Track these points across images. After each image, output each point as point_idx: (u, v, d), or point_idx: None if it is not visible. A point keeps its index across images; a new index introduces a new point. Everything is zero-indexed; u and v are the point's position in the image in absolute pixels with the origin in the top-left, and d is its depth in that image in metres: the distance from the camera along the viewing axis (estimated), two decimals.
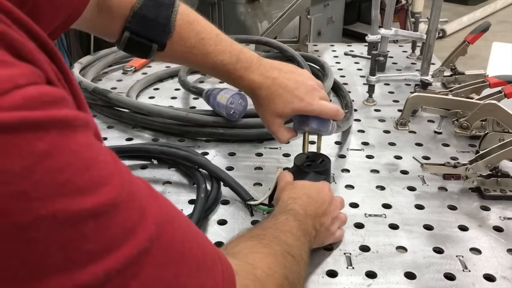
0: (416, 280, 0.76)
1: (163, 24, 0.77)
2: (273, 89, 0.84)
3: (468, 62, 2.02)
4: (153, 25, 0.77)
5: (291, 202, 0.75)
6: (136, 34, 0.76)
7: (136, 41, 0.77)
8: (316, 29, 3.54)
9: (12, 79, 0.32)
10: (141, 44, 0.77)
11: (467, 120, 1.06)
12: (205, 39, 0.82)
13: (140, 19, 0.75)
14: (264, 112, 0.87)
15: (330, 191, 0.82)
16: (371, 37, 1.47)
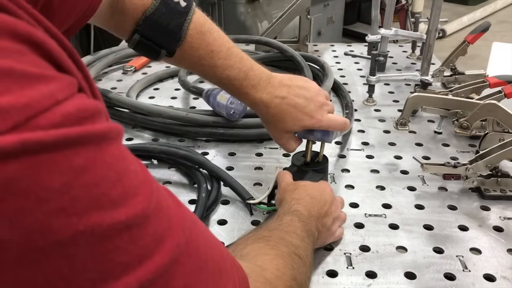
0: (416, 280, 0.76)
1: (174, 32, 0.76)
2: (282, 108, 0.84)
3: (468, 62, 2.02)
4: (164, 32, 0.76)
5: (294, 203, 0.75)
6: (146, 38, 0.76)
7: (145, 44, 0.76)
8: (316, 29, 3.54)
9: (52, 96, 0.32)
10: (150, 48, 0.77)
11: (467, 120, 1.06)
12: (215, 52, 0.81)
13: (151, 24, 0.74)
14: (273, 129, 0.87)
15: (332, 192, 0.82)
16: (371, 37, 1.47)
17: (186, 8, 0.76)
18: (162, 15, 0.74)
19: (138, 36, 0.75)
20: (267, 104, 0.84)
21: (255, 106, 0.85)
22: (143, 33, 0.75)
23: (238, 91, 0.84)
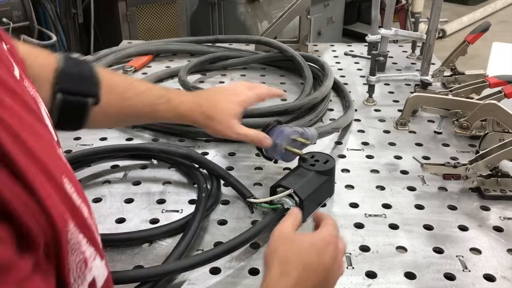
0: (416, 280, 0.75)
1: (89, 76, 0.76)
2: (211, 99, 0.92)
3: (468, 62, 2.02)
4: (81, 79, 0.74)
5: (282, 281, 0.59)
6: (69, 93, 0.72)
7: (70, 101, 0.72)
8: (316, 29, 3.54)
9: None
10: (77, 103, 0.73)
11: (467, 120, 1.06)
12: (132, 83, 0.86)
13: (66, 77, 0.72)
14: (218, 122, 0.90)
15: (334, 246, 0.64)
16: (371, 37, 1.47)
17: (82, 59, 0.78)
18: (71, 66, 0.74)
19: (61, 94, 0.71)
20: (200, 103, 0.90)
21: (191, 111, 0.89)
22: (63, 89, 0.71)
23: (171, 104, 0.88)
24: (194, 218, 0.83)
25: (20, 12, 2.26)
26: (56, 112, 0.72)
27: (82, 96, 0.74)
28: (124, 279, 0.72)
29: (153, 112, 0.87)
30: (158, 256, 0.80)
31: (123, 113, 0.84)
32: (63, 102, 0.72)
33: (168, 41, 1.67)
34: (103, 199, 0.94)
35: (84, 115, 0.75)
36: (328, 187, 0.93)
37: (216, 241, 0.83)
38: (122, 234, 0.84)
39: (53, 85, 0.71)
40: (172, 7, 3.14)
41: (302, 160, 0.93)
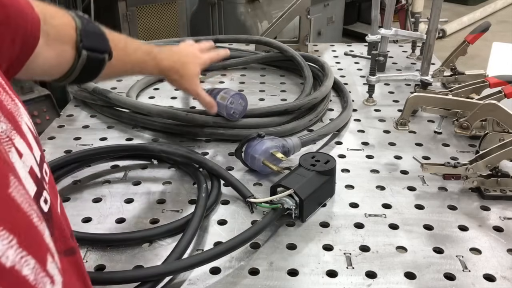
0: (416, 280, 0.76)
1: (101, 33, 0.81)
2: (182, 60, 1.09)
3: (468, 62, 2.02)
4: (97, 36, 0.79)
5: None
6: (91, 50, 0.77)
7: (92, 58, 0.77)
8: (316, 29, 3.54)
9: None
10: (97, 60, 0.79)
11: (467, 120, 1.06)
12: (126, 39, 0.94)
13: (87, 34, 0.76)
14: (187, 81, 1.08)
15: None
16: (371, 37, 1.47)
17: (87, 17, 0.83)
18: (86, 24, 0.77)
19: (86, 51, 0.76)
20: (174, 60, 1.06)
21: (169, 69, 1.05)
22: (87, 46, 0.76)
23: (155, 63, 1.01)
24: (194, 218, 0.83)
25: None
26: (79, 68, 0.77)
27: (100, 52, 0.79)
28: (124, 279, 0.72)
29: (144, 67, 1.00)
30: (158, 256, 0.80)
31: (124, 67, 0.94)
32: (88, 58, 0.76)
33: (168, 41, 1.67)
34: (103, 199, 0.94)
35: (100, 70, 0.81)
36: (328, 187, 0.93)
37: (216, 241, 0.83)
38: (122, 234, 0.84)
39: (77, 43, 0.75)
40: (172, 7, 3.14)
41: (303, 160, 0.93)
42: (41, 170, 0.47)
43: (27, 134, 0.46)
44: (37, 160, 0.46)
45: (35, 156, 0.46)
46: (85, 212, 0.90)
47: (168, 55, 1.06)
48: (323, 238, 0.84)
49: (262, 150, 0.98)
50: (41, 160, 0.48)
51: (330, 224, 0.88)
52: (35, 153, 0.46)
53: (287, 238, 0.84)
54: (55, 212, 0.46)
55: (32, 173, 0.43)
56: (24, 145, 0.44)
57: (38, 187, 0.43)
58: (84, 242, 0.82)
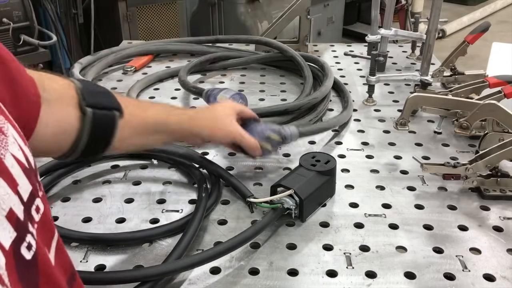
0: (416, 280, 0.76)
1: (106, 92, 0.75)
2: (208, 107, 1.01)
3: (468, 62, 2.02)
4: (102, 94, 0.73)
5: None
6: (96, 107, 0.69)
7: (100, 115, 0.70)
8: (316, 29, 3.54)
9: None
10: (105, 117, 0.71)
11: (467, 120, 1.06)
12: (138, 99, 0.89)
13: (89, 93, 0.70)
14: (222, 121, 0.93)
15: None
16: (371, 37, 1.47)
17: None
18: (87, 84, 0.72)
19: (91, 109, 0.68)
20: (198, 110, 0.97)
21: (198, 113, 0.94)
22: (91, 104, 0.69)
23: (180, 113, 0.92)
24: (194, 218, 0.83)
25: (20, 12, 2.26)
26: (88, 130, 0.68)
27: (108, 109, 0.72)
28: (124, 278, 0.72)
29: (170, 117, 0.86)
30: (158, 256, 0.80)
31: (145, 123, 0.82)
32: (94, 116, 0.68)
33: (168, 41, 1.67)
34: (103, 199, 0.94)
35: (113, 130, 0.72)
36: (329, 187, 0.93)
37: (216, 241, 0.83)
38: (122, 234, 0.84)
39: (79, 101, 0.68)
40: (172, 7, 3.14)
41: (304, 160, 0.93)
42: (29, 209, 0.42)
43: (11, 168, 0.41)
44: (23, 198, 0.42)
45: (20, 194, 0.41)
46: (85, 212, 0.90)
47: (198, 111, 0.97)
48: (323, 238, 0.84)
49: (258, 131, 0.96)
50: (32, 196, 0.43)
51: (330, 224, 0.88)
52: (21, 190, 0.42)
53: (287, 238, 0.84)
54: (43, 259, 0.42)
55: (11, 216, 0.39)
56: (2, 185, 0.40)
57: (19, 232, 0.39)
58: (84, 242, 0.82)
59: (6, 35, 2.21)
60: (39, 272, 0.41)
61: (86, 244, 0.82)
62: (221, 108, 0.95)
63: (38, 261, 0.41)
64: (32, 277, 0.40)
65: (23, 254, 0.39)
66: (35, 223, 0.43)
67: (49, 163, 0.99)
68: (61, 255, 0.47)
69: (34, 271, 0.40)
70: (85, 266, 0.78)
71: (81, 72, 1.40)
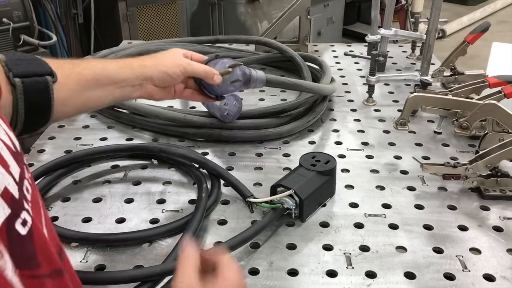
0: (416, 280, 0.76)
1: (34, 58, 0.72)
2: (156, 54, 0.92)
3: (468, 62, 2.02)
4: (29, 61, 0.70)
5: None
6: (25, 76, 0.67)
7: (30, 83, 0.67)
8: (316, 29, 3.54)
9: None
10: (38, 84, 0.68)
11: (467, 120, 1.06)
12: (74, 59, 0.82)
13: (15, 62, 0.67)
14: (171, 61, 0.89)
15: None
16: (371, 37, 1.47)
17: None
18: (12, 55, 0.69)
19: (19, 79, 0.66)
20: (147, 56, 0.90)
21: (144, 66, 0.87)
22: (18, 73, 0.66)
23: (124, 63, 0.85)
24: (194, 218, 0.83)
25: (20, 12, 2.26)
26: (21, 101, 0.66)
27: (39, 75, 0.69)
28: (124, 278, 0.72)
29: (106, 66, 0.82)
30: (158, 256, 0.80)
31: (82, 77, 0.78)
32: (25, 86, 0.66)
33: (168, 41, 1.67)
34: (103, 199, 0.94)
35: (49, 95, 0.70)
36: (329, 187, 0.93)
37: (216, 241, 0.83)
38: (122, 234, 0.84)
39: (6, 73, 0.66)
40: (172, 7, 3.14)
41: (304, 160, 0.93)
42: (21, 188, 0.44)
43: (1, 150, 0.43)
44: (15, 178, 0.43)
45: (12, 174, 0.43)
46: (85, 212, 0.90)
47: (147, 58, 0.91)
48: (323, 238, 0.84)
49: (219, 64, 0.94)
50: (21, 178, 0.45)
51: (330, 224, 0.88)
52: (12, 171, 0.44)
53: (287, 238, 0.84)
54: (38, 234, 0.43)
55: (5, 194, 0.41)
56: None
57: (13, 209, 0.41)
58: (84, 242, 0.82)
59: (6, 35, 2.21)
60: (36, 246, 0.42)
61: (86, 244, 0.82)
62: (167, 51, 0.93)
63: (34, 236, 0.42)
64: (29, 252, 0.41)
65: (17, 230, 0.40)
66: (28, 202, 0.44)
67: (49, 163, 0.99)
68: (50, 230, 0.49)
69: (31, 246, 0.42)
70: (85, 266, 0.78)
71: None
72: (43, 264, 0.42)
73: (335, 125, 1.23)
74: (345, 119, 1.25)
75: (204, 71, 0.91)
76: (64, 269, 0.46)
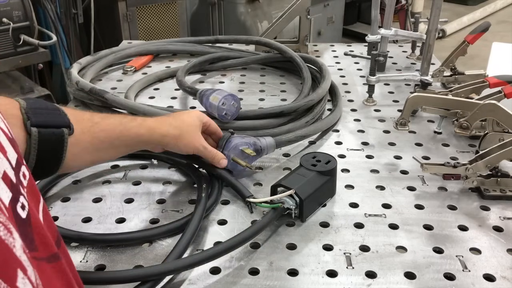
0: (416, 280, 0.76)
1: (55, 108, 0.73)
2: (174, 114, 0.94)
3: (468, 62, 2.02)
4: (49, 112, 0.71)
5: None
6: (42, 126, 0.68)
7: (46, 134, 0.68)
8: (316, 29, 3.54)
9: None
10: (53, 136, 0.69)
11: (467, 120, 1.06)
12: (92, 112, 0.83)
13: (35, 111, 0.68)
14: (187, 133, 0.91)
15: None
16: (371, 37, 1.47)
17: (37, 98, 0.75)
18: (33, 102, 0.70)
19: (36, 129, 0.67)
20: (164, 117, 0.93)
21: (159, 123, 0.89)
22: (36, 123, 0.67)
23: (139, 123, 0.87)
24: (194, 218, 0.83)
25: (20, 12, 2.26)
26: (34, 151, 0.68)
27: (56, 127, 0.71)
28: (124, 278, 0.72)
29: (125, 130, 0.83)
30: (158, 256, 0.80)
31: (97, 139, 0.80)
32: (40, 136, 0.67)
33: (168, 41, 1.67)
34: (103, 199, 0.94)
35: (62, 149, 0.71)
36: (329, 187, 0.93)
37: (216, 241, 0.83)
38: (122, 234, 0.84)
39: (24, 121, 0.67)
40: (172, 7, 3.14)
41: (304, 160, 0.93)
42: (18, 174, 0.45)
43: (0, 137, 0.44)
44: (12, 163, 0.44)
45: (9, 160, 0.44)
46: (85, 212, 0.90)
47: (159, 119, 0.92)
48: (323, 238, 0.84)
49: (231, 147, 0.97)
50: (18, 164, 0.46)
51: (330, 224, 0.88)
52: (9, 156, 0.44)
53: (287, 238, 0.84)
54: (35, 218, 0.44)
55: (5, 178, 0.41)
56: None
57: (13, 193, 0.41)
58: (84, 242, 0.82)
59: (6, 35, 2.21)
60: (33, 230, 0.43)
61: (86, 244, 0.82)
62: (186, 116, 0.93)
63: (32, 220, 0.43)
64: (29, 235, 0.41)
65: (19, 212, 0.41)
66: (24, 187, 0.45)
67: None
68: (48, 219, 0.49)
69: (29, 229, 0.42)
70: (85, 266, 0.78)
71: (80, 72, 1.39)
72: (39, 248, 0.43)
73: (335, 125, 1.23)
74: (345, 119, 1.25)
75: (211, 157, 0.94)
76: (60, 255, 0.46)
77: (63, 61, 2.81)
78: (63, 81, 2.83)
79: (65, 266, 0.47)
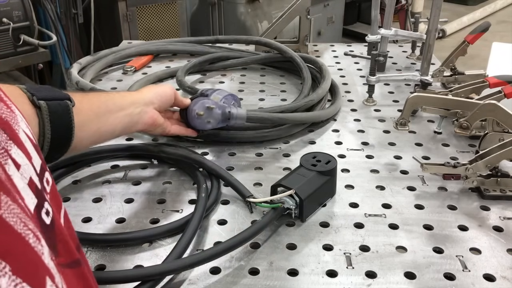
0: (416, 280, 0.76)
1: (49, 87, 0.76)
2: None
3: (468, 62, 2.02)
4: (47, 89, 0.74)
5: None
6: (48, 99, 0.71)
7: (53, 106, 0.71)
8: (316, 29, 3.54)
9: None
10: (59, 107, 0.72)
11: (467, 120, 1.06)
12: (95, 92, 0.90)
13: (35, 89, 0.71)
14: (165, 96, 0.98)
15: None
16: (371, 37, 1.47)
17: None
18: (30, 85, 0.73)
19: (43, 102, 0.70)
20: None
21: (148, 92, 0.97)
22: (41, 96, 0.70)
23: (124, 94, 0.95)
24: (194, 218, 0.83)
25: (20, 12, 2.26)
26: (48, 122, 0.70)
27: (60, 99, 0.73)
28: (124, 278, 0.72)
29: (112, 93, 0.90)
30: (158, 256, 0.80)
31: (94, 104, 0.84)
32: (49, 107, 0.70)
33: (168, 41, 1.67)
34: (103, 199, 0.94)
35: (70, 118, 0.74)
36: (329, 187, 0.93)
37: (216, 241, 0.83)
38: (122, 234, 0.84)
39: (29, 98, 0.69)
40: (172, 7, 3.14)
41: (304, 160, 0.93)
42: (42, 180, 0.45)
43: (25, 143, 0.44)
44: (36, 170, 0.44)
45: (34, 166, 0.44)
46: (85, 212, 0.90)
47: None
48: (323, 238, 0.84)
49: (200, 102, 1.02)
50: (42, 170, 0.46)
51: (330, 224, 0.88)
52: (34, 163, 0.45)
53: (287, 238, 0.84)
54: (58, 224, 0.44)
55: (31, 184, 0.41)
56: (22, 155, 0.42)
57: (38, 199, 0.41)
58: (84, 242, 0.82)
59: (6, 35, 2.21)
60: (57, 237, 0.43)
61: (86, 244, 0.82)
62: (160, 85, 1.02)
63: (55, 226, 0.43)
64: (53, 241, 0.41)
65: (43, 219, 0.41)
66: (47, 193, 0.45)
67: (49, 163, 0.99)
68: (69, 225, 0.49)
69: (53, 235, 0.42)
70: None
71: (80, 72, 1.40)
72: (62, 254, 0.43)
73: (335, 125, 1.23)
74: (345, 119, 1.25)
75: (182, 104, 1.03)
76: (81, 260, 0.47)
77: (63, 61, 2.81)
78: (63, 81, 2.83)
79: (86, 272, 0.47)
